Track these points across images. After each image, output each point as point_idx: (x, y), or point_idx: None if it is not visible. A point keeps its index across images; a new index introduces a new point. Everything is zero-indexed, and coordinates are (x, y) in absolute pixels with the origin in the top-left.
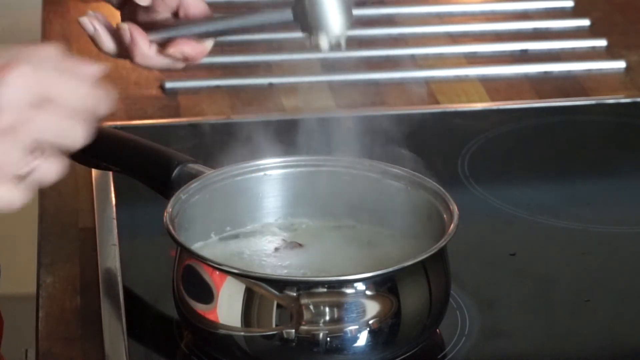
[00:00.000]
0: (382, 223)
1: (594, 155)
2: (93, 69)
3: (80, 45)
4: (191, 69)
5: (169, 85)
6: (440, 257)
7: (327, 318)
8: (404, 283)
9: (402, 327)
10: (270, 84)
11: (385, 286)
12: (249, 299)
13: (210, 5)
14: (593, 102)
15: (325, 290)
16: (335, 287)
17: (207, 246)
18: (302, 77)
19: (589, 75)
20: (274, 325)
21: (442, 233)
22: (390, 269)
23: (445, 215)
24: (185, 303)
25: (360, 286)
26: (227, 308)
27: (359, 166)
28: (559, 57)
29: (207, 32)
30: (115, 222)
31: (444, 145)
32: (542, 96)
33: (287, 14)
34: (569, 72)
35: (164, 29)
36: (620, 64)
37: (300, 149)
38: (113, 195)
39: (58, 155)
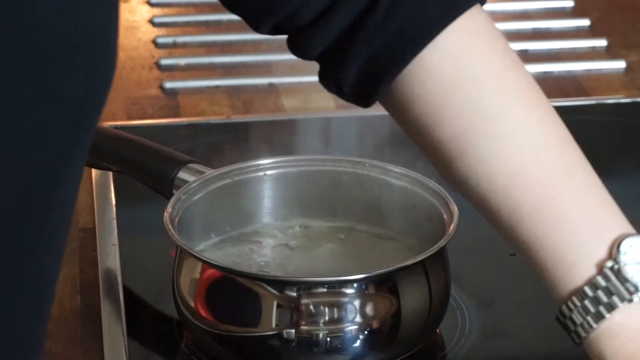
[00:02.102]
0: (382, 223)
1: (594, 155)
2: None
3: None
4: (191, 69)
5: (169, 85)
6: (440, 257)
7: (327, 318)
8: (404, 283)
9: (402, 327)
10: (270, 84)
11: (385, 286)
12: (249, 299)
13: (210, 5)
14: (593, 102)
15: (325, 290)
16: (335, 287)
17: (207, 246)
18: (302, 77)
19: (589, 75)
20: (274, 325)
21: (442, 233)
22: (390, 269)
23: (445, 215)
24: (185, 303)
25: (360, 286)
26: (227, 308)
27: (359, 166)
28: (559, 57)
29: None
30: (115, 222)
31: None
32: None
33: None
34: (569, 72)
35: None
36: (620, 64)
37: (300, 149)
38: (113, 195)
39: None
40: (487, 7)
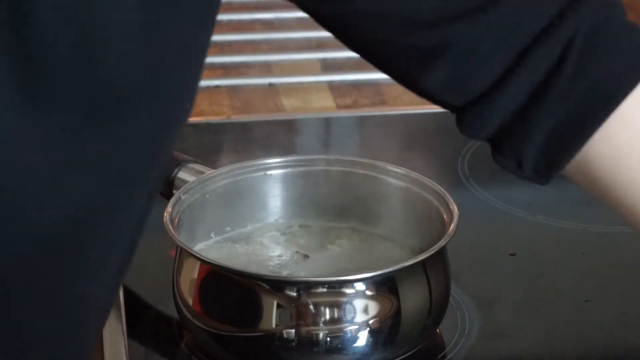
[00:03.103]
0: (382, 223)
1: None
2: None
3: None
4: None
5: None
6: (440, 257)
7: (327, 318)
8: (404, 283)
9: (402, 327)
10: (270, 84)
11: (385, 286)
12: (249, 299)
13: None
14: None
15: (325, 290)
16: (335, 287)
17: (207, 246)
18: (302, 77)
19: None
20: (274, 325)
21: (442, 233)
22: (390, 269)
23: (445, 215)
24: (185, 303)
25: (360, 286)
26: (226, 308)
27: (359, 166)
28: None
29: None
30: None
31: (444, 145)
32: None
33: None
34: None
35: None
36: None
37: (300, 149)
38: None
39: None
40: None
